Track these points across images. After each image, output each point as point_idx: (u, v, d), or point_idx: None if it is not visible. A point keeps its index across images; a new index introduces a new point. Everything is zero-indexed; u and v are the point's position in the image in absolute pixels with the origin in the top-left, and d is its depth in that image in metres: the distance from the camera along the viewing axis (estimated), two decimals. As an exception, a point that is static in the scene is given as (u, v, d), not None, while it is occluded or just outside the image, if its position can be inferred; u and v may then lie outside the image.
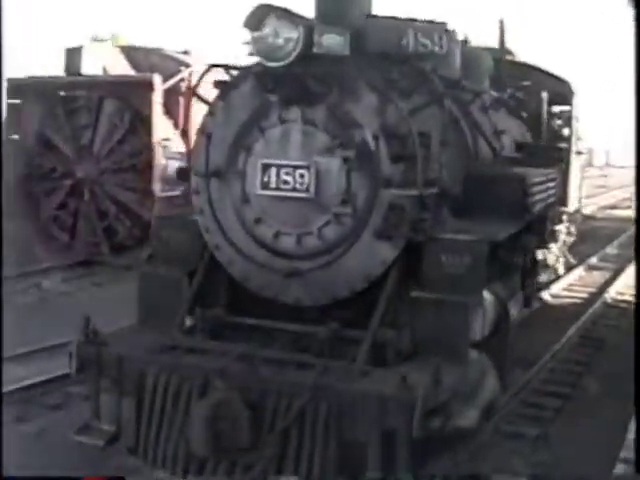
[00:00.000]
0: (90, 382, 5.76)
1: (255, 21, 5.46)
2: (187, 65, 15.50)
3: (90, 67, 15.74)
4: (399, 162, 5.60)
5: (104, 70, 16.08)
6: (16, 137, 15.55)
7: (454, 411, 5.26)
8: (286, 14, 5.48)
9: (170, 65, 15.69)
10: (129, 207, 14.82)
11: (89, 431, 5.71)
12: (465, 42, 8.25)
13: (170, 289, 6.18)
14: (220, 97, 6.06)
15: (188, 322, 6.09)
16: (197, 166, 6.14)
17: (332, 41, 5.48)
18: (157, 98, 14.63)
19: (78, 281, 13.84)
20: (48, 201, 15.48)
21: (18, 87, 15.33)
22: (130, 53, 16.86)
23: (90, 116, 15.00)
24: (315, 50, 5.47)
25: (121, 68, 16.50)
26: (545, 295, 11.46)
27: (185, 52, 16.91)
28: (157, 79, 14.66)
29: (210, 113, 6.10)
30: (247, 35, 5.54)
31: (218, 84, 6.06)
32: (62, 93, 15.24)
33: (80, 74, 15.63)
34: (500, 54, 9.42)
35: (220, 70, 6.22)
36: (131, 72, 16.47)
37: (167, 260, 6.34)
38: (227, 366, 5.32)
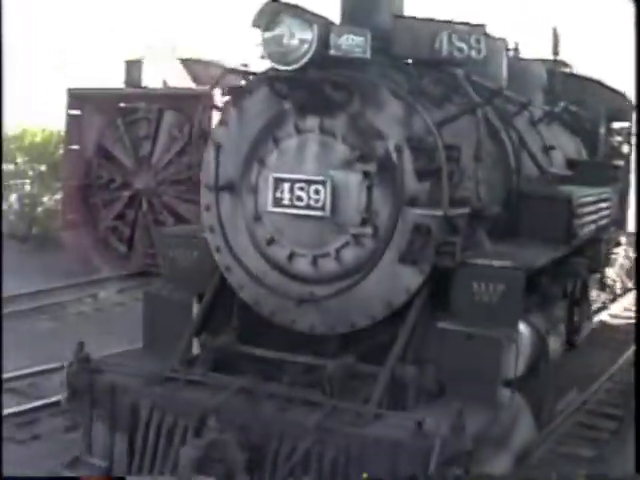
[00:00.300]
0: (82, 412, 5.31)
1: (265, 20, 4.94)
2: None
3: (150, 79, 15.61)
4: (425, 178, 5.01)
5: (164, 82, 15.93)
6: (76, 147, 15.54)
7: (483, 457, 4.66)
8: (300, 11, 4.93)
9: (230, 78, 15.39)
10: (186, 219, 14.57)
11: (79, 465, 5.26)
12: (516, 51, 7.64)
13: (176, 313, 5.72)
14: (233, 104, 5.56)
15: (195, 349, 5.59)
16: (206, 179, 5.66)
17: (351, 42, 4.92)
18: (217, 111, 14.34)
19: (134, 292, 13.66)
20: (106, 212, 15.44)
21: (79, 98, 15.32)
22: (190, 65, 16.70)
23: (149, 128, 14.91)
24: (332, 52, 4.94)
25: (181, 80, 16.32)
26: (604, 315, 11.12)
27: (245, 65, 16.59)
28: (217, 92, 14.39)
29: (221, 122, 5.62)
30: (258, 36, 5.02)
31: (230, 90, 5.57)
32: (122, 104, 15.16)
33: (140, 86, 15.52)
34: (554, 66, 8.73)
35: None
36: (191, 85, 16.27)
37: (175, 281, 5.88)
38: (224, 403, 4.81)
